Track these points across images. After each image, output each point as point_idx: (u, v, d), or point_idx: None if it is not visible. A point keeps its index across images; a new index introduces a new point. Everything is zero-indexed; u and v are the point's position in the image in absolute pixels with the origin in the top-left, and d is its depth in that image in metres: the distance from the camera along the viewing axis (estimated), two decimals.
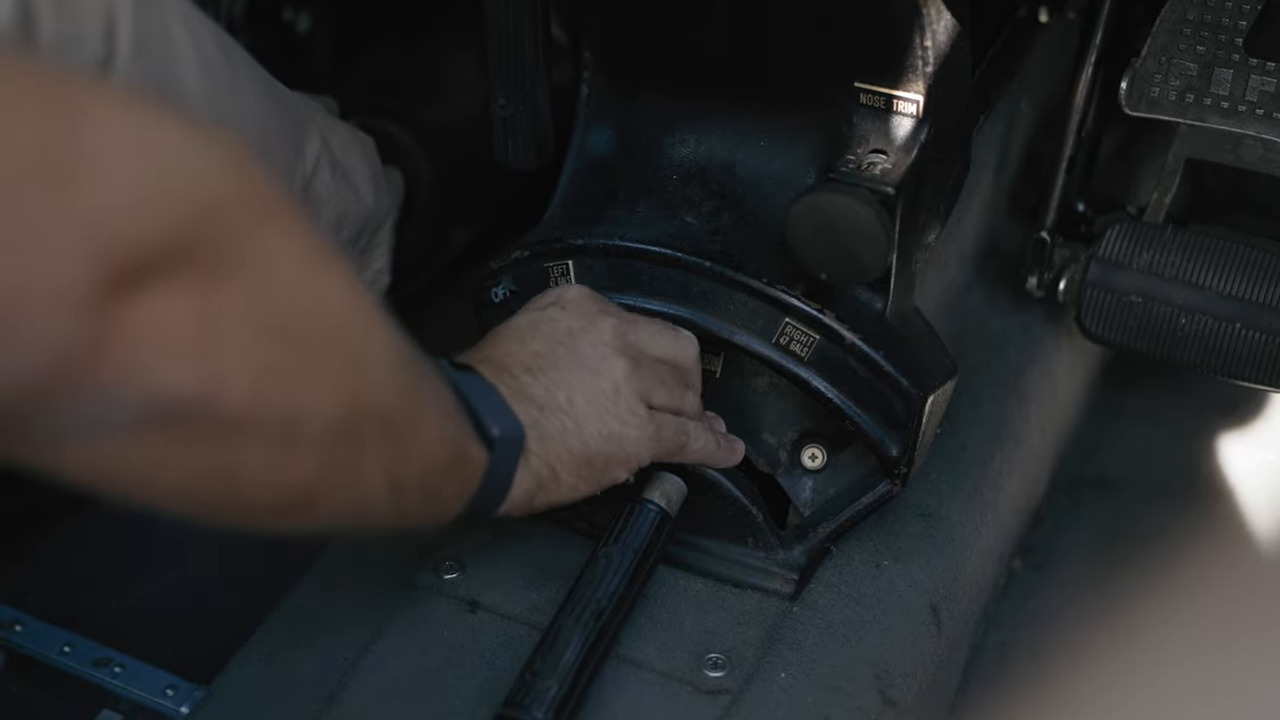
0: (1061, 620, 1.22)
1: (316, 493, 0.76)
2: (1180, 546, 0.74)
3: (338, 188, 1.08)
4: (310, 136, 1.06)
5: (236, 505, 0.74)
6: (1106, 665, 0.52)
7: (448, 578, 1.09)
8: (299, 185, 1.03)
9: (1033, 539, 1.27)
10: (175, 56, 0.92)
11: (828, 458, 1.10)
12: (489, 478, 0.90)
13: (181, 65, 0.92)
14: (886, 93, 1.01)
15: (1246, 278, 1.14)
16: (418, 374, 0.82)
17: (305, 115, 1.07)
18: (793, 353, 1.03)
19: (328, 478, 0.76)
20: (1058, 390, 1.31)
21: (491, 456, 0.89)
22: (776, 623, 1.06)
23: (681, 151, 1.10)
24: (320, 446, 0.74)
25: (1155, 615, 0.53)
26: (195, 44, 0.94)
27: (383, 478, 0.79)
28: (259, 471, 0.72)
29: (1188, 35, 1.11)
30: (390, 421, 0.78)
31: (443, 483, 0.87)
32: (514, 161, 1.11)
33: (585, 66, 1.12)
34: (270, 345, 0.69)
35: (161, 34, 0.91)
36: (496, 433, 0.89)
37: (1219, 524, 1.28)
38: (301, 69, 1.49)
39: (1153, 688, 0.50)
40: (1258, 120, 1.11)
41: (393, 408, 0.78)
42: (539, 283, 1.09)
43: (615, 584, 1.01)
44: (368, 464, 0.78)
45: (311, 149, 1.05)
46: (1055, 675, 0.55)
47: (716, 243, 1.06)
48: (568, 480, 0.96)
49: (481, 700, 1.01)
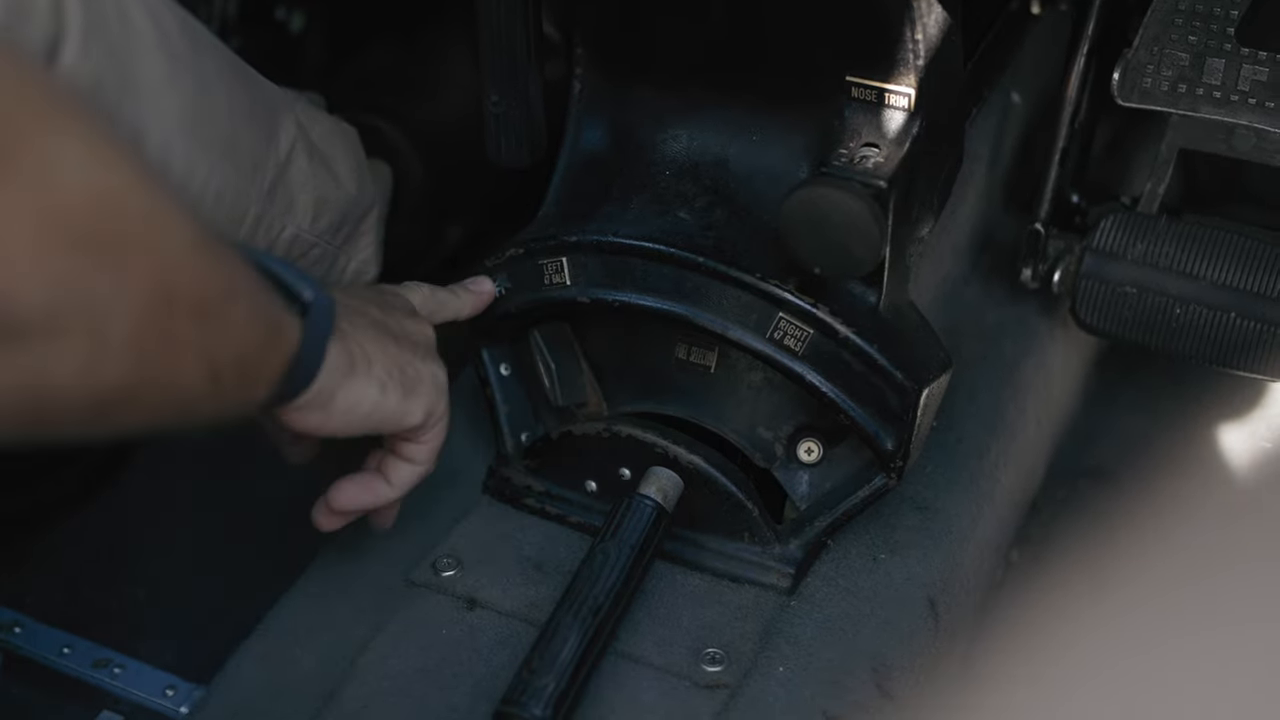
0: (1060, 611, 1.22)
1: (134, 390, 0.75)
2: (1176, 536, 0.74)
3: (315, 173, 1.08)
4: (284, 123, 1.05)
5: (51, 414, 0.73)
6: (1100, 652, 0.52)
7: (445, 575, 1.10)
8: (273, 170, 1.03)
9: (1030, 530, 1.28)
10: (131, 39, 0.91)
11: (823, 452, 1.10)
12: (304, 345, 0.88)
13: (139, 49, 0.91)
14: (878, 86, 1.01)
15: (1241, 267, 1.14)
16: (222, 255, 0.80)
17: (280, 103, 1.07)
18: (787, 347, 1.03)
19: (142, 373, 0.74)
20: (1053, 382, 1.31)
21: (305, 323, 0.88)
22: (774, 617, 1.06)
23: (674, 147, 1.10)
24: (130, 343, 0.73)
25: (1149, 604, 0.53)
26: (156, 27, 0.93)
27: (200, 365, 0.78)
28: (69, 376, 0.71)
29: (1179, 25, 1.11)
30: (200, 307, 0.77)
31: (259, 361, 0.85)
32: (507, 159, 1.11)
33: (577, 63, 1.12)
34: (60, 245, 0.68)
35: (117, 14, 0.90)
36: (309, 296, 0.88)
37: (1215, 513, 1.28)
38: (295, 68, 1.49)
39: (1147, 675, 0.50)
40: (1250, 109, 1.11)
41: (201, 293, 0.77)
42: (533, 279, 1.09)
43: (612, 580, 1.01)
44: (182, 354, 0.77)
45: (286, 136, 1.05)
46: (1050, 659, 0.55)
47: (710, 238, 1.06)
48: (378, 369, 0.95)
49: (480, 697, 1.01)
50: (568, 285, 1.08)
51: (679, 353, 1.12)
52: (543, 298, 1.09)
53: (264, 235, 1.03)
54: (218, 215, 0.98)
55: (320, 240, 1.09)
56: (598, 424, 1.10)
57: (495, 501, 1.16)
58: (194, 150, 0.95)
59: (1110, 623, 0.53)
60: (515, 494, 1.15)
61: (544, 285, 1.09)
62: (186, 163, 0.94)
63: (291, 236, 1.06)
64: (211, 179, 0.97)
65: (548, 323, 1.13)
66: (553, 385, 1.13)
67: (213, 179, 0.97)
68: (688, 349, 1.12)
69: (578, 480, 1.13)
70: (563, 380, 1.13)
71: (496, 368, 1.15)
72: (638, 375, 1.14)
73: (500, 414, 1.15)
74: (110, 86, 0.88)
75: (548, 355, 1.13)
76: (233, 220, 1.00)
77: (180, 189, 0.95)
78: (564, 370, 1.13)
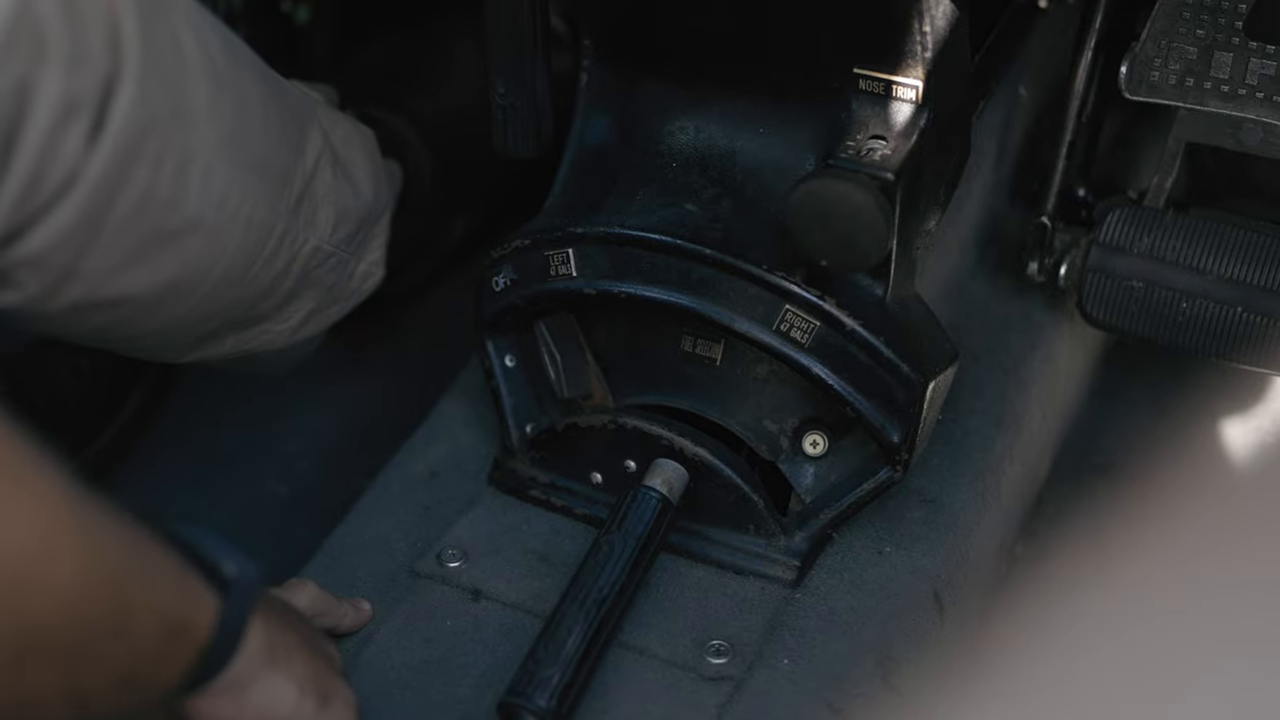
0: (1064, 606, 1.22)
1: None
2: (1182, 530, 0.74)
3: (337, 185, 1.08)
4: (311, 135, 1.05)
5: None
6: (1104, 644, 0.52)
7: (450, 566, 1.10)
8: (299, 185, 1.03)
9: (1035, 524, 1.27)
10: (184, 68, 0.89)
11: (829, 444, 1.10)
12: (222, 624, 0.80)
13: (190, 78, 0.90)
14: (886, 78, 1.01)
15: (1248, 262, 1.14)
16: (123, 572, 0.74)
17: (307, 112, 1.06)
18: (793, 339, 1.03)
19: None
20: (1059, 376, 1.31)
21: (225, 601, 0.81)
22: (779, 609, 1.06)
23: (681, 139, 1.10)
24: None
25: (1153, 597, 0.53)
26: (203, 52, 0.91)
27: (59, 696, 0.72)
28: None
29: (1187, 19, 1.11)
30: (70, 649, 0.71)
31: (152, 672, 0.78)
32: (513, 151, 1.11)
33: (584, 54, 1.12)
34: None
35: (170, 43, 0.88)
36: (232, 572, 0.82)
37: (1221, 508, 1.28)
38: (301, 61, 1.48)
39: (1151, 668, 0.50)
40: (1258, 104, 1.11)
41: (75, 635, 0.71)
42: (539, 271, 1.09)
43: (617, 572, 1.01)
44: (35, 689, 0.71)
45: (312, 149, 1.05)
46: (1055, 654, 0.55)
47: (716, 230, 1.06)
48: (298, 668, 0.88)
49: (484, 688, 1.01)
50: (574, 276, 1.08)
51: (685, 345, 1.12)
52: (548, 289, 1.09)
53: (287, 250, 1.03)
54: (247, 237, 0.98)
55: (338, 249, 1.09)
56: (603, 416, 1.10)
57: (500, 493, 1.16)
58: (231, 174, 0.94)
59: (1115, 616, 0.53)
60: (520, 486, 1.15)
61: (550, 276, 1.09)
62: (224, 187, 0.94)
63: (312, 250, 1.06)
64: (244, 202, 0.96)
65: (553, 314, 1.13)
66: (558, 377, 1.13)
67: (245, 201, 0.96)
68: (693, 341, 1.12)
69: (583, 472, 1.13)
70: (568, 372, 1.13)
71: (502, 359, 1.15)
72: (643, 367, 1.14)
73: (505, 406, 1.15)
74: (162, 119, 0.87)
75: (553, 347, 1.13)
76: (259, 239, 0.99)
77: (214, 212, 0.94)
78: (569, 362, 1.13)
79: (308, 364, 1.24)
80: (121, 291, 0.91)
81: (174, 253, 0.92)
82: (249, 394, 1.40)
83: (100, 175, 0.84)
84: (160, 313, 0.96)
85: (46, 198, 0.82)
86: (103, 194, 0.85)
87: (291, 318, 1.10)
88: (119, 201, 0.86)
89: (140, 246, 0.90)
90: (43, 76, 0.79)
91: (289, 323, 1.10)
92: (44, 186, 0.82)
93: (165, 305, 0.96)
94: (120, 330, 0.97)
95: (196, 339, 1.05)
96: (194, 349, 1.06)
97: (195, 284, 0.96)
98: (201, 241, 0.94)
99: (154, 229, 0.90)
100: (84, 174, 0.83)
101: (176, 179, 0.89)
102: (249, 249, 0.98)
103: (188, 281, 0.95)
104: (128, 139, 0.85)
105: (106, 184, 0.85)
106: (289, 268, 1.04)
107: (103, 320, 0.94)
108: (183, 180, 0.90)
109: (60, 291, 0.88)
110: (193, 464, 1.37)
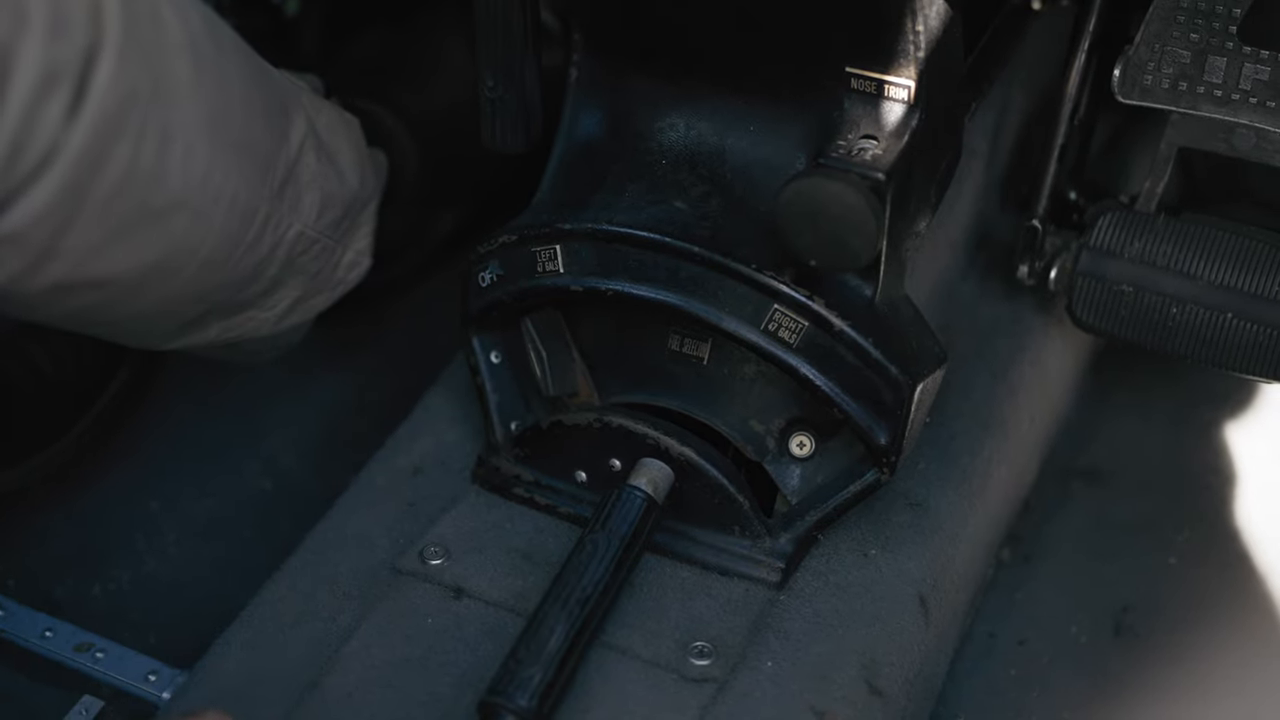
0: (1050, 611, 1.22)
1: None
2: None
3: (322, 170, 1.07)
4: (296, 120, 1.05)
5: None
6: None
7: (432, 564, 1.09)
8: (283, 169, 1.02)
9: (1021, 529, 1.27)
10: (165, 43, 0.89)
11: (816, 446, 1.10)
12: None
13: (172, 54, 0.89)
14: (878, 78, 1.01)
15: (1239, 267, 1.14)
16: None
17: (291, 97, 1.06)
18: (781, 339, 1.03)
19: None
20: (1048, 380, 1.31)
21: None
22: (763, 611, 1.06)
23: (671, 136, 1.10)
24: None
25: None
26: (184, 29, 0.91)
27: None
28: None
29: (1181, 23, 1.11)
30: None
31: None
32: (502, 145, 1.10)
33: (574, 49, 1.12)
34: None
35: (151, 17, 0.88)
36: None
37: (1208, 515, 1.28)
38: (289, 53, 1.48)
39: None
40: (1251, 109, 1.11)
41: None
42: (526, 267, 1.08)
43: (601, 571, 1.01)
44: None
45: (296, 133, 1.04)
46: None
47: (705, 228, 1.05)
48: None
49: (465, 687, 1.01)
50: (561, 273, 1.07)
51: (672, 344, 1.11)
52: (535, 285, 1.09)
53: (271, 234, 1.02)
54: (230, 219, 0.97)
55: (322, 236, 1.09)
56: (588, 414, 1.10)
57: (484, 491, 1.15)
58: (213, 153, 0.93)
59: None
60: (504, 483, 1.15)
61: (537, 273, 1.08)
62: (206, 166, 0.93)
63: (296, 235, 1.05)
64: (227, 182, 0.95)
65: (540, 311, 1.12)
66: (544, 374, 1.12)
67: (228, 182, 0.95)
68: (681, 340, 1.11)
69: (568, 470, 1.12)
70: (554, 369, 1.12)
71: (487, 355, 1.14)
72: (630, 366, 1.14)
73: (490, 402, 1.15)
74: (143, 94, 0.87)
75: (539, 344, 1.12)
76: (243, 222, 0.99)
77: (197, 192, 0.93)
78: (555, 359, 1.13)
79: (293, 358, 1.24)
80: (103, 272, 0.91)
81: (156, 232, 0.92)
82: (233, 387, 1.40)
83: (81, 149, 0.83)
84: (143, 296, 0.96)
85: (27, 171, 0.82)
86: (83, 169, 0.84)
87: (277, 305, 1.09)
88: (100, 177, 0.85)
89: (122, 225, 0.89)
90: (23, 44, 0.79)
91: (274, 310, 1.10)
92: (24, 159, 0.81)
93: (148, 288, 0.95)
94: (103, 314, 0.96)
95: (180, 325, 1.04)
96: (178, 335, 1.05)
97: (178, 266, 0.95)
98: (184, 222, 0.93)
99: (135, 207, 0.89)
100: (64, 147, 0.82)
101: (158, 156, 0.89)
102: (232, 231, 0.97)
103: (171, 263, 0.95)
104: (108, 113, 0.84)
105: (87, 159, 0.84)
106: (273, 253, 1.03)
107: (84, 302, 0.93)
108: (164, 158, 0.89)
109: (41, 271, 0.87)
110: (176, 457, 1.36)
